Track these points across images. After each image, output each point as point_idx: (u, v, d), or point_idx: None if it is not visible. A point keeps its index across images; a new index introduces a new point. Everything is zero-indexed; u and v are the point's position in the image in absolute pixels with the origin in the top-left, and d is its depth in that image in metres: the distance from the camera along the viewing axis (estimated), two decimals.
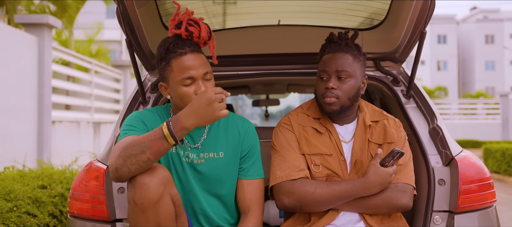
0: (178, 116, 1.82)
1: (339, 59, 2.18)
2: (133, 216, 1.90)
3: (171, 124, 1.81)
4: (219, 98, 1.79)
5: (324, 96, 2.18)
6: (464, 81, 53.92)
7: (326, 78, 2.19)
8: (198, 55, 2.03)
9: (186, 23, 2.02)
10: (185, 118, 1.81)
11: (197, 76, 2.00)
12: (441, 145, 2.35)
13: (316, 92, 2.24)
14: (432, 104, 2.55)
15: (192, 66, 1.99)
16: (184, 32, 2.01)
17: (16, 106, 6.37)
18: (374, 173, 2.07)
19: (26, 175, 4.10)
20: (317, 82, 2.24)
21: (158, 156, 1.83)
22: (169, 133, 1.80)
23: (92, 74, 9.64)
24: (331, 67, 2.18)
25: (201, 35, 2.03)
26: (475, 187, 2.22)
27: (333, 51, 2.21)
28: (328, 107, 2.18)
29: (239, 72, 2.75)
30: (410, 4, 2.40)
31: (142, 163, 1.82)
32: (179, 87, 2.00)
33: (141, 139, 1.83)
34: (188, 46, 2.01)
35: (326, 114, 2.21)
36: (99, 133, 9.67)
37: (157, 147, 1.81)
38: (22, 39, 6.65)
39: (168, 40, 2.04)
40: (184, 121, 1.81)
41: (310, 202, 2.10)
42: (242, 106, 38.62)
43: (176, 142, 1.82)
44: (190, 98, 2.00)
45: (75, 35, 14.24)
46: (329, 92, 2.16)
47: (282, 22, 2.84)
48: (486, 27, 51.40)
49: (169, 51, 2.00)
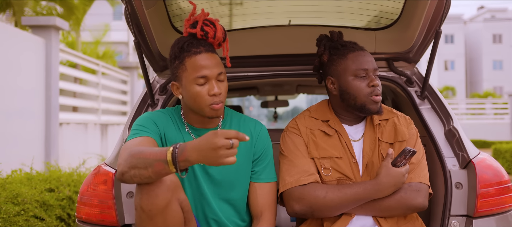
0: (185, 146, 1.67)
1: (371, 58, 2.16)
2: (141, 222, 1.86)
3: (177, 151, 1.68)
4: (227, 144, 1.61)
5: (372, 94, 2.13)
6: (471, 81, 53.69)
7: (366, 76, 2.14)
8: (213, 55, 2.00)
9: (202, 23, 1.99)
10: (190, 151, 1.66)
11: (211, 76, 1.97)
12: (458, 147, 2.30)
13: (358, 93, 2.13)
14: (447, 105, 2.49)
15: (206, 66, 1.96)
16: (200, 31, 1.99)
17: (23, 108, 6.36)
18: (386, 174, 2.01)
19: (34, 178, 4.08)
20: (354, 82, 2.14)
21: (159, 176, 1.76)
22: (172, 160, 1.69)
23: (99, 76, 9.64)
24: (370, 66, 2.14)
25: (217, 35, 2.01)
26: (494, 190, 2.16)
27: (359, 49, 2.18)
28: (376, 106, 2.14)
29: (248, 73, 2.71)
30: (425, 3, 2.34)
31: (143, 178, 1.76)
32: (192, 87, 1.97)
33: (147, 154, 1.74)
34: (202, 46, 1.98)
35: (371, 113, 2.15)
36: (106, 135, 9.66)
37: (159, 168, 1.71)
38: (30, 41, 6.64)
39: (183, 39, 2.01)
40: (189, 154, 1.66)
41: (322, 207, 2.05)
42: (249, 107, 38.60)
43: (177, 170, 1.70)
44: (202, 98, 1.97)
45: (82, 37, 14.27)
46: (377, 90, 2.13)
47: (293, 22, 2.79)
48: (494, 26, 51.16)
49: (183, 50, 1.98)
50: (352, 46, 2.20)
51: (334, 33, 2.30)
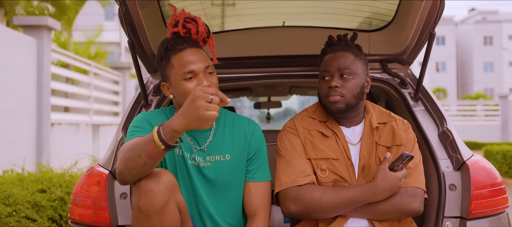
0: (170, 119, 1.72)
1: (340, 58, 2.15)
2: (138, 223, 1.85)
3: (161, 127, 1.72)
4: (206, 97, 1.64)
5: (328, 95, 2.14)
6: (462, 82, 53.96)
7: (328, 78, 2.16)
8: (198, 50, 2.03)
9: (183, 21, 2.02)
10: (174, 119, 1.69)
11: (198, 70, 1.99)
12: (452, 148, 2.30)
13: (320, 94, 2.20)
14: (441, 107, 2.50)
15: (192, 61, 1.98)
16: (182, 29, 2.01)
17: (15, 108, 6.32)
18: (383, 178, 2.01)
19: (25, 179, 4.05)
20: (320, 83, 2.20)
21: (154, 160, 1.75)
22: (158, 136, 1.70)
23: (91, 77, 9.60)
24: (333, 67, 2.15)
25: (199, 30, 2.04)
26: (487, 192, 2.17)
27: (334, 51, 2.19)
28: (333, 106, 2.13)
29: (242, 74, 2.71)
30: (419, 4, 2.35)
31: (140, 167, 1.77)
32: (181, 83, 1.99)
33: (138, 142, 1.77)
34: (186, 43, 2.01)
35: (332, 114, 2.16)
36: (98, 135, 9.61)
37: (151, 149, 1.72)
38: (21, 41, 6.60)
39: (167, 40, 2.04)
40: (174, 122, 1.69)
41: (317, 208, 2.05)
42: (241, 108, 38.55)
43: (166, 146, 1.71)
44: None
45: (74, 37, 14.19)
46: (333, 91, 2.12)
47: (287, 24, 2.79)
48: (485, 28, 51.46)
49: (168, 49, 2.01)
50: (332, 49, 2.21)
51: (331, 37, 2.31)
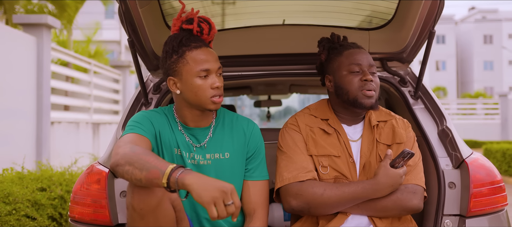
0: (190, 171, 1.69)
1: (367, 55, 2.19)
2: (132, 222, 1.85)
3: (176, 172, 1.68)
4: (227, 198, 1.64)
5: (363, 88, 2.13)
6: (462, 81, 53.98)
7: (360, 71, 2.16)
8: (211, 50, 2.06)
9: (198, 20, 2.04)
10: (192, 176, 1.67)
11: (213, 69, 2.01)
12: (451, 147, 2.31)
13: (350, 87, 2.15)
14: (440, 106, 2.51)
15: (208, 60, 2.01)
16: (196, 27, 2.03)
17: (14, 107, 6.32)
18: (384, 174, 2.03)
19: (25, 177, 4.04)
20: (348, 77, 2.16)
21: (150, 185, 1.74)
22: (168, 176, 1.68)
23: (91, 75, 9.59)
24: (364, 61, 2.16)
25: (211, 32, 2.07)
26: (486, 190, 2.18)
27: (355, 47, 2.21)
28: (368, 100, 2.13)
29: (242, 72, 2.71)
30: (419, 3, 2.35)
31: (133, 178, 1.75)
32: (194, 80, 1.99)
33: (149, 159, 1.74)
34: (201, 41, 2.04)
35: (364, 107, 2.14)
36: (98, 134, 9.61)
37: (153, 177, 1.70)
38: (21, 40, 6.59)
39: (180, 35, 2.04)
40: (189, 178, 1.66)
41: (319, 204, 2.06)
42: (241, 107, 38.55)
43: (169, 188, 1.69)
44: (204, 91, 1.99)
45: (73, 36, 14.18)
46: (369, 84, 2.13)
47: (287, 22, 2.79)
48: (485, 27, 51.48)
49: (183, 44, 2.01)
50: (349, 45, 2.24)
51: (334, 35, 2.33)
